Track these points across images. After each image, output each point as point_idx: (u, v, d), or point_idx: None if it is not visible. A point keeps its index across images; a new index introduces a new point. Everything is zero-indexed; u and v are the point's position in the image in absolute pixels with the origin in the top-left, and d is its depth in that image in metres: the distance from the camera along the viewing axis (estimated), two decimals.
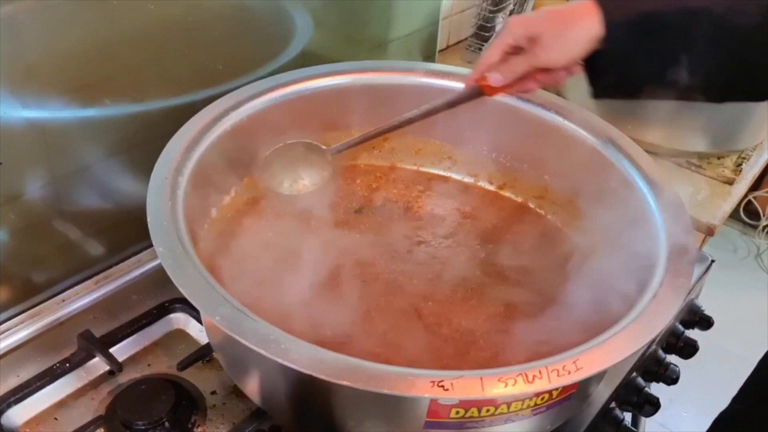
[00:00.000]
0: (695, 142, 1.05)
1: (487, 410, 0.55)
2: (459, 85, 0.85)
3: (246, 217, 0.78)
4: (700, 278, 0.93)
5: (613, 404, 0.77)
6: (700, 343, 0.89)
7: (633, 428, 0.77)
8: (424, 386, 0.50)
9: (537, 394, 0.56)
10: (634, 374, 0.81)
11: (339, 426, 0.58)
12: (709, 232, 0.96)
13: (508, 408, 0.56)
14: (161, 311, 0.77)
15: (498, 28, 1.24)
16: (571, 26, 0.65)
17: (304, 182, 0.80)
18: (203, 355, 0.73)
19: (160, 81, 0.78)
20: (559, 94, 0.94)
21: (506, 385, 0.51)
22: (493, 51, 0.70)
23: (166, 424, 0.65)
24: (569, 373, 0.52)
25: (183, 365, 0.70)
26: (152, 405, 0.66)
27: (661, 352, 0.87)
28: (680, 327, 0.90)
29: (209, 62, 0.81)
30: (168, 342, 0.76)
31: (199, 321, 0.76)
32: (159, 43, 0.75)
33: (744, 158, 1.08)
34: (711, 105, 0.99)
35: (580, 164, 0.81)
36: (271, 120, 0.79)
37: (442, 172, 0.94)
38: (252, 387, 0.64)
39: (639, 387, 0.81)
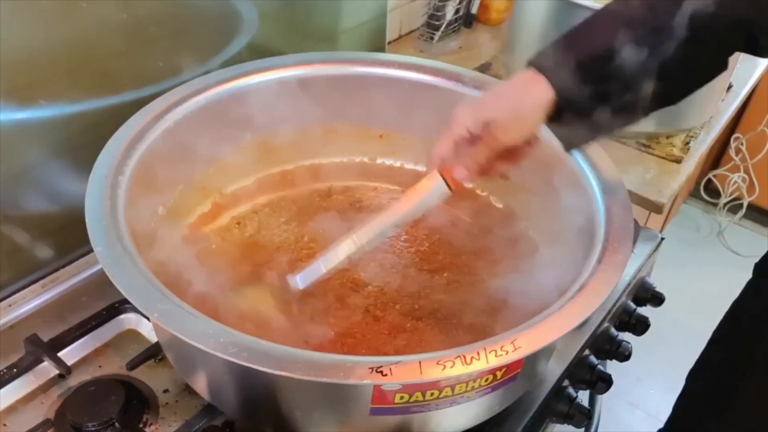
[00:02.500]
0: (644, 123, 1.05)
1: (432, 394, 0.56)
2: (402, 73, 0.87)
3: (193, 214, 0.77)
4: (650, 256, 0.94)
5: (566, 382, 0.79)
6: (667, 321, 0.91)
7: (586, 406, 0.79)
8: (362, 373, 0.50)
9: (480, 375, 0.57)
10: (586, 352, 0.83)
11: (287, 417, 0.59)
12: (658, 210, 0.97)
13: (453, 391, 0.57)
14: (111, 312, 0.76)
15: (448, 16, 1.25)
16: (522, 99, 0.64)
17: None
18: (154, 353, 0.72)
19: (99, 81, 0.77)
20: None
21: (444, 368, 0.51)
22: (444, 143, 0.67)
23: (116, 424, 0.65)
24: (507, 353, 0.53)
25: (132, 365, 0.70)
26: (102, 406, 0.66)
27: (613, 330, 0.88)
28: (632, 304, 0.91)
29: (149, 60, 0.80)
30: (120, 342, 0.76)
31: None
32: (96, 43, 0.74)
33: (692, 137, 1.10)
34: None
35: None
36: (214, 116, 0.79)
37: (387, 161, 0.95)
38: (200, 383, 0.64)
39: (591, 365, 0.82)
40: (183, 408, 0.69)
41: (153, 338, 0.75)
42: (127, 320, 0.77)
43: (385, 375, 0.50)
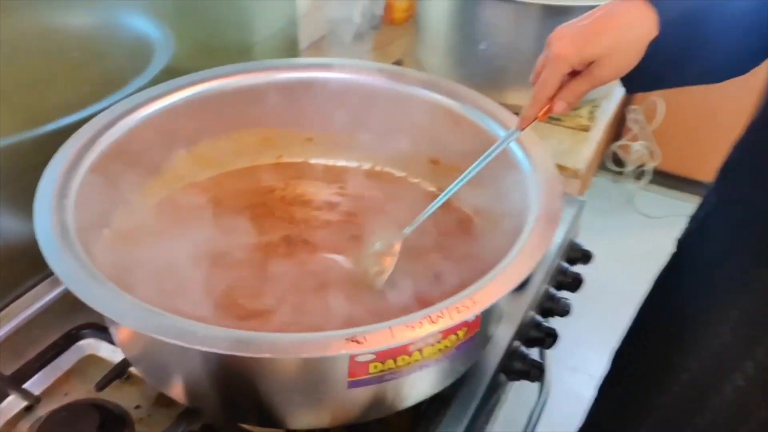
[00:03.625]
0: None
1: (402, 359, 0.60)
2: (323, 75, 0.91)
3: (143, 225, 0.78)
4: (575, 218, 1.02)
5: (517, 343, 0.84)
6: (596, 286, 0.97)
7: (539, 360, 0.84)
8: (339, 344, 0.53)
9: (445, 335, 0.61)
10: (531, 312, 0.88)
11: (267, 404, 0.61)
12: (575, 175, 1.05)
13: (421, 354, 0.60)
14: (69, 340, 0.76)
15: (356, 19, 1.30)
16: (627, 35, 0.61)
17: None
18: (120, 373, 0.73)
19: (21, 111, 0.77)
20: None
21: (414, 329, 0.55)
22: (550, 83, 0.65)
23: None
24: (468, 308, 0.57)
25: (101, 385, 0.70)
26: (77, 429, 0.66)
27: (552, 289, 0.95)
28: (565, 264, 0.98)
29: (74, 86, 0.80)
30: (82, 368, 0.76)
31: (110, 342, 0.75)
32: (13, 74, 0.74)
33: (596, 107, 1.19)
34: None
35: (448, 129, 0.88)
36: (150, 133, 0.80)
37: (310, 161, 0.98)
38: (176, 388, 0.65)
39: (537, 323, 0.88)
40: (158, 420, 0.70)
41: (114, 358, 0.76)
42: (86, 346, 0.77)
43: (360, 343, 0.53)
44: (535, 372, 0.84)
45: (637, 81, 0.66)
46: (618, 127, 2.43)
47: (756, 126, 0.69)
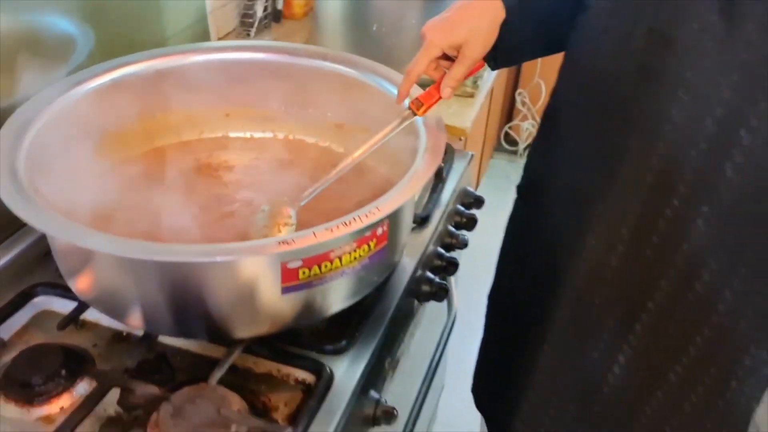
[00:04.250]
0: None
1: (325, 266, 0.72)
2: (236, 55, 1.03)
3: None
4: (466, 168, 1.17)
5: (423, 271, 0.98)
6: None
7: (444, 282, 0.99)
8: (272, 246, 0.66)
9: (358, 245, 0.74)
10: (434, 247, 1.03)
11: (214, 316, 0.72)
12: (463, 133, 1.21)
13: (341, 261, 0.73)
14: (25, 297, 0.84)
15: (259, 14, 1.42)
16: (481, 20, 0.77)
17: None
18: (74, 318, 0.82)
19: None
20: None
21: (332, 231, 0.68)
22: (420, 64, 0.80)
23: (63, 372, 0.74)
24: (374, 214, 0.70)
25: (62, 325, 0.79)
26: (45, 363, 0.75)
27: (451, 227, 1.10)
28: (461, 207, 1.14)
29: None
30: (39, 321, 0.84)
31: (62, 296, 0.84)
32: None
33: (478, 76, 1.36)
34: None
35: (347, 95, 1.01)
36: (79, 114, 0.90)
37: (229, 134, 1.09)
38: (134, 315, 0.74)
39: (440, 254, 1.03)
40: (115, 354, 0.80)
41: (68, 310, 0.84)
42: (41, 302, 0.85)
43: (290, 244, 0.66)
44: (441, 293, 0.99)
45: (498, 58, 0.84)
46: (509, 111, 2.66)
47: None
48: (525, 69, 2.52)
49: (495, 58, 0.83)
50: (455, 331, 1.06)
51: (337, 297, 0.78)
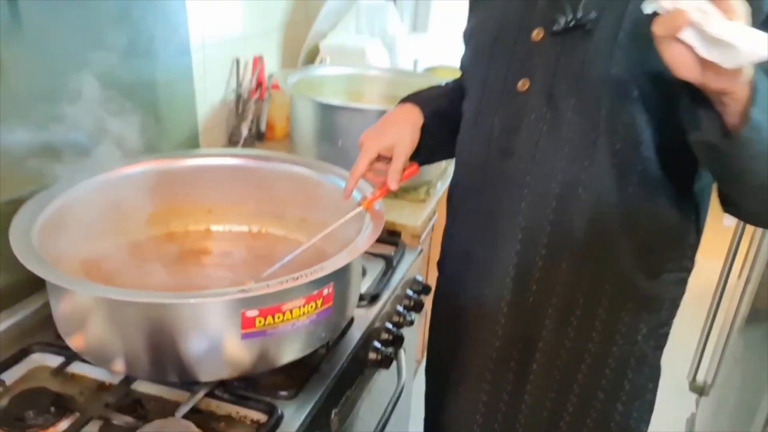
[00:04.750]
0: None
1: (278, 316, 0.88)
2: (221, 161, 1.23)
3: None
4: (414, 261, 1.35)
5: (369, 340, 1.13)
6: None
7: (389, 351, 1.13)
8: (234, 293, 0.82)
9: (306, 301, 0.90)
10: (380, 322, 1.18)
11: (183, 359, 0.86)
12: (416, 231, 1.40)
13: (291, 314, 0.89)
14: (24, 353, 0.98)
15: (244, 134, 1.65)
16: (407, 124, 1.01)
17: None
18: (62, 368, 0.96)
19: None
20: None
21: (283, 284, 0.84)
22: (361, 165, 1.02)
23: (52, 409, 0.87)
24: (318, 272, 0.87)
25: (54, 373, 0.93)
26: (36, 402, 0.88)
27: (400, 308, 1.26)
28: (410, 292, 1.30)
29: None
30: (35, 372, 0.98)
31: (57, 353, 0.98)
32: None
33: (431, 186, 1.57)
34: None
35: (311, 193, 1.21)
36: (91, 201, 1.09)
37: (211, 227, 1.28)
38: (117, 362, 0.88)
39: (388, 328, 1.18)
40: (98, 399, 0.93)
41: (56, 364, 0.98)
42: (38, 358, 0.99)
43: (247, 291, 0.82)
44: (387, 362, 1.13)
45: (423, 156, 1.07)
46: None
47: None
48: None
49: (419, 155, 1.04)
50: (414, 403, 1.19)
51: (289, 347, 0.93)
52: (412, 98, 1.07)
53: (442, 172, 1.66)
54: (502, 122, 0.91)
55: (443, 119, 1.04)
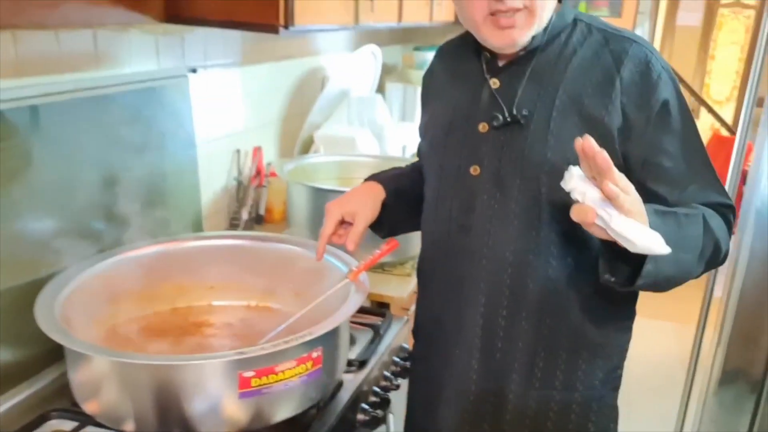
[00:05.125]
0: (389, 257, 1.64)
1: (273, 377, 0.99)
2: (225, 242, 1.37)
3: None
4: (400, 330, 1.46)
5: (357, 402, 1.23)
6: None
7: (378, 412, 1.23)
8: (232, 355, 0.93)
9: (298, 363, 1.01)
10: (367, 386, 1.28)
11: (187, 415, 0.97)
12: (402, 302, 1.52)
13: (284, 374, 1.00)
14: (43, 418, 1.09)
15: (244, 217, 1.80)
16: (369, 196, 1.15)
17: None
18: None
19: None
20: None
21: (276, 346, 0.96)
22: (328, 227, 1.14)
23: None
24: (306, 336, 0.99)
25: None
26: None
27: (387, 373, 1.36)
28: (396, 358, 1.40)
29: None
30: None
31: (72, 419, 1.08)
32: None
33: (416, 261, 1.69)
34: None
35: (304, 270, 1.33)
36: (102, 282, 1.21)
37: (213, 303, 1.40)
38: (128, 423, 0.99)
39: (375, 391, 1.28)
40: None
41: (71, 428, 1.08)
42: (55, 423, 1.09)
43: (244, 354, 0.94)
44: (374, 422, 1.23)
45: (381, 228, 1.21)
46: None
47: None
48: None
49: (385, 229, 1.20)
50: None
51: (283, 406, 1.03)
52: (376, 177, 1.22)
53: None
54: (459, 203, 1.06)
55: (403, 196, 1.20)
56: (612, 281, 0.93)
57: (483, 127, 1.04)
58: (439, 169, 1.10)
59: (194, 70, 1.57)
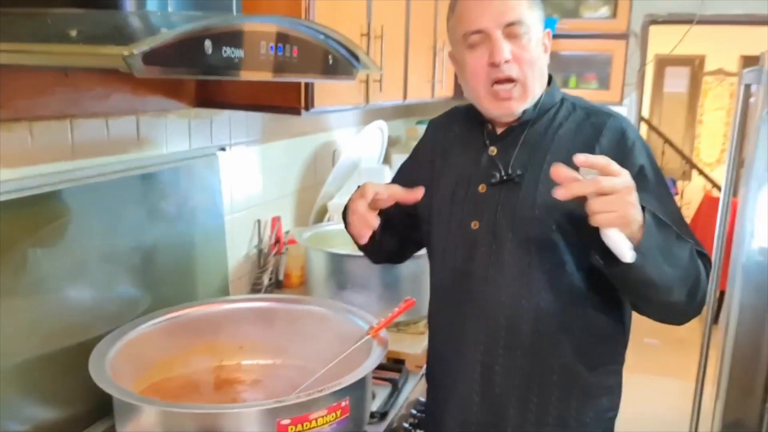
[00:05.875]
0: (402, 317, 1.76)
1: (307, 424, 1.09)
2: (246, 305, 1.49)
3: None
4: (416, 384, 1.56)
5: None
6: None
7: None
8: (271, 403, 1.04)
9: (329, 411, 1.12)
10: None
11: None
12: (416, 358, 1.62)
13: (317, 422, 1.11)
14: None
15: (265, 282, 1.92)
16: None
17: None
18: None
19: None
20: None
21: (310, 395, 1.07)
22: (363, 200, 1.22)
23: None
24: (335, 387, 1.10)
25: None
26: None
27: (406, 424, 1.45)
28: (414, 410, 1.50)
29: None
30: None
31: None
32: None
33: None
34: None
35: (328, 328, 1.45)
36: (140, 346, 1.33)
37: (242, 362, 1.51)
38: None
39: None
40: None
41: None
42: None
43: (282, 402, 1.05)
44: None
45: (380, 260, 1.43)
46: None
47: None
48: None
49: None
50: None
51: None
52: None
53: None
54: (462, 253, 1.22)
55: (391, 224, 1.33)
56: (601, 262, 1.02)
57: (482, 187, 1.22)
58: (447, 225, 1.26)
59: (223, 149, 1.73)
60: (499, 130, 1.25)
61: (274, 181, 2.09)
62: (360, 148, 2.40)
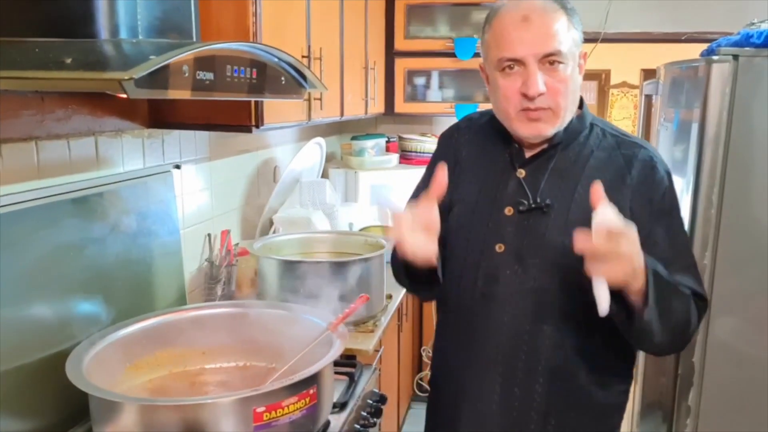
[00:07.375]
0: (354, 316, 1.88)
1: (279, 410, 1.20)
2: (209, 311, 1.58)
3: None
4: (371, 376, 1.68)
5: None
6: None
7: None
8: (247, 392, 1.15)
9: (298, 399, 1.22)
10: (348, 426, 1.49)
11: None
12: (368, 352, 1.75)
13: (288, 408, 1.21)
14: None
15: (219, 293, 2.01)
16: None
17: None
18: None
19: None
20: None
21: (281, 383, 1.18)
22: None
23: None
24: (306, 374, 1.21)
25: None
26: None
27: (364, 413, 1.57)
28: (369, 401, 1.62)
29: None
30: None
31: None
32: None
33: (377, 319, 1.94)
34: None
35: (285, 329, 1.56)
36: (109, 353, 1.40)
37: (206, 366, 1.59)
38: None
39: (356, 429, 1.49)
40: None
41: None
42: None
43: (256, 390, 1.15)
44: None
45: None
46: (418, 364, 3.21)
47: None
48: (426, 330, 3.14)
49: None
50: None
51: None
52: None
53: (383, 309, 2.05)
54: (484, 275, 1.25)
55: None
56: (613, 313, 1.07)
57: (509, 210, 1.24)
58: (466, 243, 1.28)
59: (178, 166, 1.81)
60: (528, 153, 1.26)
61: (221, 197, 2.18)
62: (301, 163, 2.52)
